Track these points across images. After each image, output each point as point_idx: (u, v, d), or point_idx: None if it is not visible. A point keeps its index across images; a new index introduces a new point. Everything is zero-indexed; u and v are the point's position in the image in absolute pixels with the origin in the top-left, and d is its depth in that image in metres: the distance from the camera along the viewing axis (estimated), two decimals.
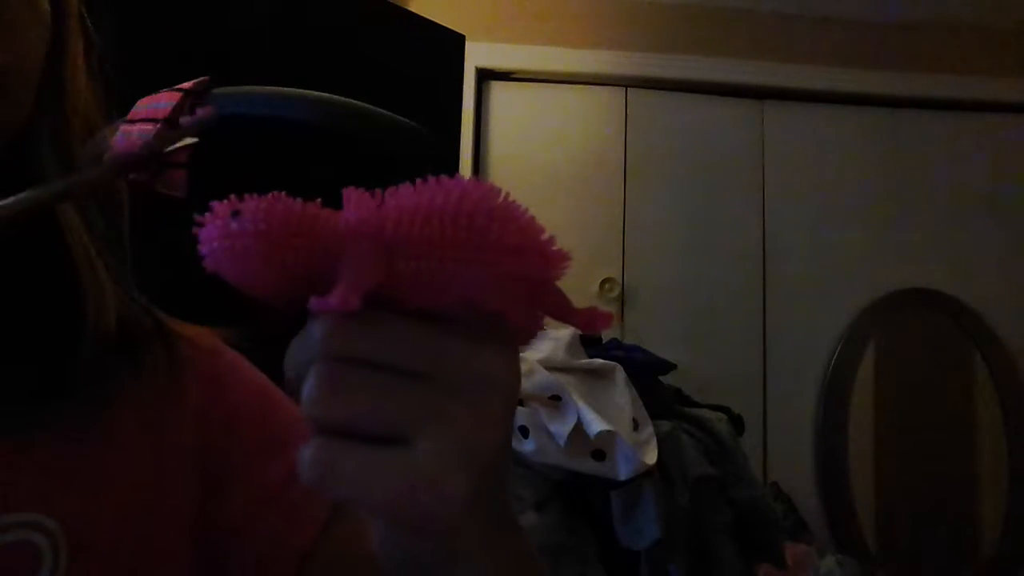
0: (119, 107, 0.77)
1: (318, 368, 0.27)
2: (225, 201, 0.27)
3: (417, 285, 0.27)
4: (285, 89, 0.71)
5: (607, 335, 2.09)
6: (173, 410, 0.46)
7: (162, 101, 0.73)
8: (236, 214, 0.27)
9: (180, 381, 0.47)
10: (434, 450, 0.26)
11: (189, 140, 0.32)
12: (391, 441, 0.26)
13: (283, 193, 0.28)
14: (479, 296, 0.28)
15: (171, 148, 0.32)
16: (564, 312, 0.31)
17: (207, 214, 0.27)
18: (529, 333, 0.31)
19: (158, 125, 0.73)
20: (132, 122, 0.73)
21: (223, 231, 0.27)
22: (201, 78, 0.75)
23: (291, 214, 0.27)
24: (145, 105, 0.74)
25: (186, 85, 0.74)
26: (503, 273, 0.27)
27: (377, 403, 0.26)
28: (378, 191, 0.28)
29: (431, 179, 0.28)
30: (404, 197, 0.28)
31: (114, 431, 0.43)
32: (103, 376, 0.43)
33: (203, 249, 0.27)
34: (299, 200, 0.28)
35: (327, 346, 0.27)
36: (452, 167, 1.77)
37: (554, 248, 0.29)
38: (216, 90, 0.74)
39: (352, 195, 0.28)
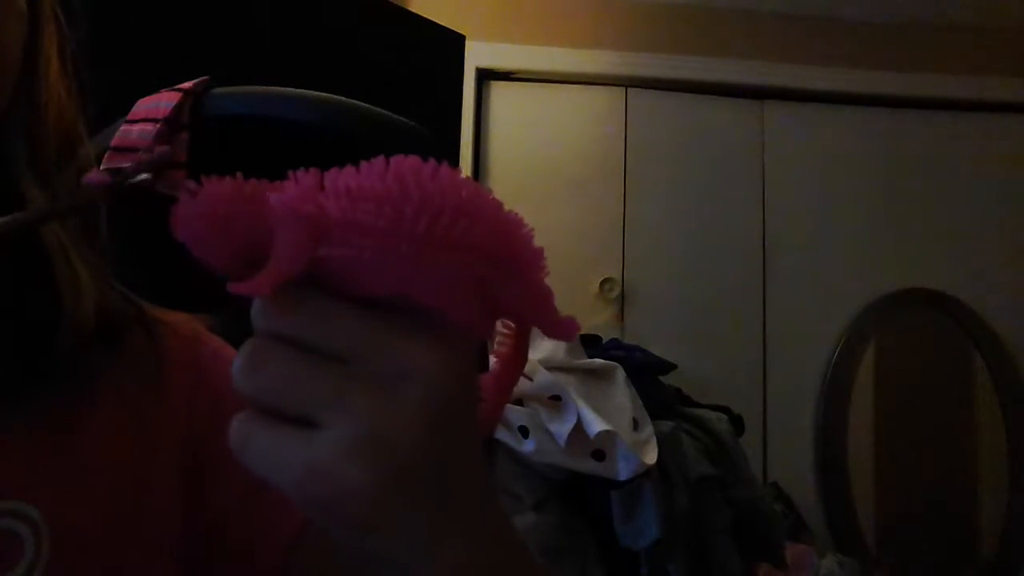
0: (120, 108, 0.77)
1: (246, 342, 0.27)
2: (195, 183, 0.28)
3: (344, 272, 0.26)
4: (285, 89, 0.71)
5: (607, 335, 2.09)
6: (157, 403, 0.46)
7: (162, 101, 0.73)
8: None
9: (163, 370, 0.47)
10: (335, 438, 0.25)
11: (143, 176, 0.32)
12: (306, 423, 0.26)
13: (240, 174, 0.28)
14: (413, 289, 0.26)
15: (135, 180, 0.32)
16: (524, 315, 0.30)
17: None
18: (484, 331, 0.29)
19: (158, 125, 0.73)
20: (132, 122, 0.73)
21: (182, 205, 0.27)
22: (201, 78, 0.75)
23: (236, 191, 0.27)
24: (145, 105, 0.74)
25: (186, 85, 0.74)
26: (435, 267, 0.26)
27: (287, 382, 0.26)
28: (334, 169, 0.27)
29: (387, 159, 0.27)
30: (349, 177, 0.27)
31: (97, 423, 0.43)
32: (84, 364, 0.43)
33: (173, 222, 0.27)
34: (254, 180, 0.28)
35: (256, 322, 0.27)
36: (452, 167, 1.76)
37: (521, 246, 0.28)
38: (216, 90, 0.74)
39: (299, 174, 0.27)
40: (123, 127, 0.71)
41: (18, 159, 0.44)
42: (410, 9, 2.02)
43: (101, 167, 0.71)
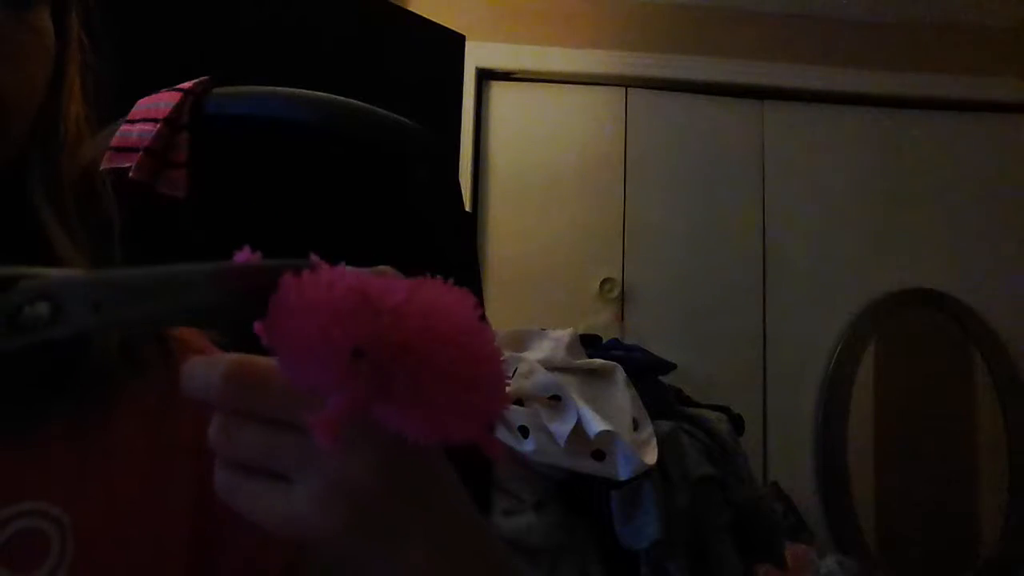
0: (121, 108, 0.77)
1: (216, 417, 0.32)
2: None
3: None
4: (285, 89, 0.71)
5: (607, 335, 2.09)
6: (172, 412, 0.48)
7: (162, 101, 0.73)
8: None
9: (176, 382, 0.48)
10: (308, 493, 0.31)
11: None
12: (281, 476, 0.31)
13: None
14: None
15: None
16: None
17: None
18: None
19: (158, 125, 0.73)
20: (132, 122, 0.73)
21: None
22: (201, 78, 0.75)
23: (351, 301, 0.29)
24: (145, 105, 0.74)
25: (186, 85, 0.74)
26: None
27: (262, 450, 0.31)
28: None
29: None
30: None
31: (118, 429, 0.45)
32: (105, 379, 0.44)
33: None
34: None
35: (222, 401, 0.32)
36: (452, 167, 1.77)
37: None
38: (216, 90, 0.74)
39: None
40: (123, 127, 0.71)
41: (35, 191, 0.44)
42: (410, 9, 2.02)
43: (101, 167, 0.71)
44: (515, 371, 1.44)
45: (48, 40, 0.43)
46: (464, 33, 1.88)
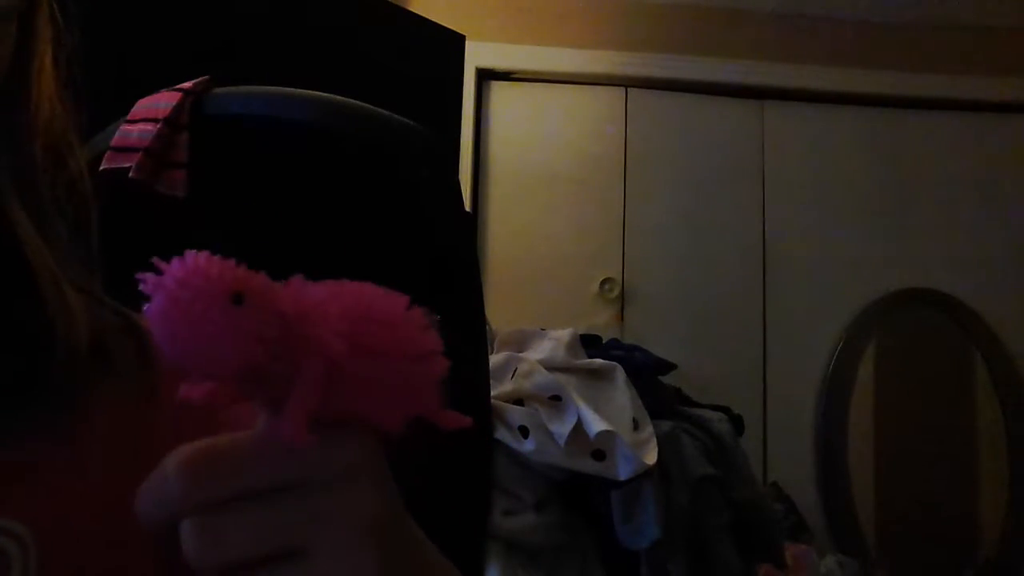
0: (121, 108, 0.77)
1: (190, 526, 0.27)
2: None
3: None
4: (285, 89, 0.71)
5: (607, 335, 2.10)
6: (149, 412, 0.45)
7: (162, 101, 0.73)
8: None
9: (153, 379, 0.46)
10: (334, 540, 0.28)
11: None
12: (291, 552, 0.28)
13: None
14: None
15: None
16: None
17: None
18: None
19: (158, 125, 0.73)
20: (132, 122, 0.73)
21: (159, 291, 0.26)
22: (201, 78, 0.75)
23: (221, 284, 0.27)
24: (145, 105, 0.74)
25: (186, 85, 0.74)
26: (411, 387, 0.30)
27: (258, 532, 0.27)
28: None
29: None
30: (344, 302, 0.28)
31: (86, 436, 0.42)
32: (75, 381, 0.41)
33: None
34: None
35: (189, 497, 0.28)
36: (452, 167, 1.77)
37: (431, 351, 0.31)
38: (216, 90, 0.74)
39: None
40: (123, 127, 0.71)
41: (3, 175, 0.42)
42: (410, 9, 2.02)
43: (101, 167, 0.71)
44: (515, 371, 1.44)
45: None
46: (464, 33, 1.88)
